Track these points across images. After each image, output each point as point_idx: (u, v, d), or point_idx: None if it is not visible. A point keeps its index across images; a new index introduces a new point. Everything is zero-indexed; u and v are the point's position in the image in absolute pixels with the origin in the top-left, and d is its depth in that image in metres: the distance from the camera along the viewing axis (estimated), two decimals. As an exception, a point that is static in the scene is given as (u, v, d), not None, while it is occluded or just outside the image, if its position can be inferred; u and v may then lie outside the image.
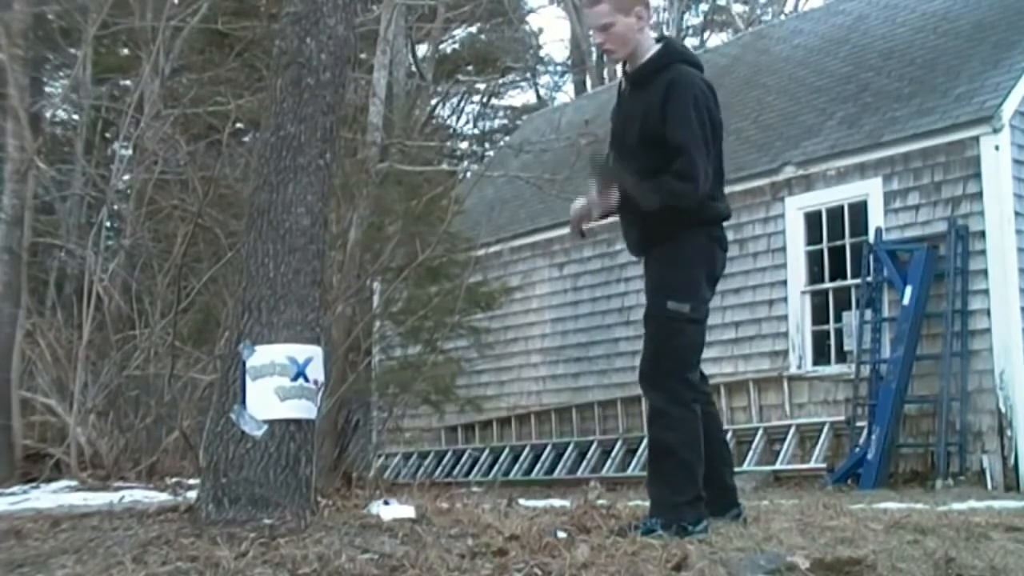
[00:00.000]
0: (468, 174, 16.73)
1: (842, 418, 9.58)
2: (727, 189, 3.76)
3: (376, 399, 10.96)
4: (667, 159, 3.42)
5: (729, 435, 10.19)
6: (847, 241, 9.90)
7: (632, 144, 3.58)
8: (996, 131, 8.84)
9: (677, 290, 3.47)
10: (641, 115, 3.53)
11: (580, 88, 26.88)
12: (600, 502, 4.02)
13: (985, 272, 8.85)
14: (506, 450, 12.36)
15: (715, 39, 27.49)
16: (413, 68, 21.91)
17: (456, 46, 25.87)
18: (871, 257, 9.55)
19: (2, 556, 3.06)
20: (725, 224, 3.67)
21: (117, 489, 5.62)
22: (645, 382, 3.54)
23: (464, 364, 11.85)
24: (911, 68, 10.70)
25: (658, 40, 3.66)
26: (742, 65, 14.12)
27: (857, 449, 9.08)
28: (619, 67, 3.81)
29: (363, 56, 13.36)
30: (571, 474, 11.23)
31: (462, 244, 11.16)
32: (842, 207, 9.95)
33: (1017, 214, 8.83)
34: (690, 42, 28.52)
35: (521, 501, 5.28)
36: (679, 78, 3.49)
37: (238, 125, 12.08)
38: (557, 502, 5.20)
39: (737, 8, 27.58)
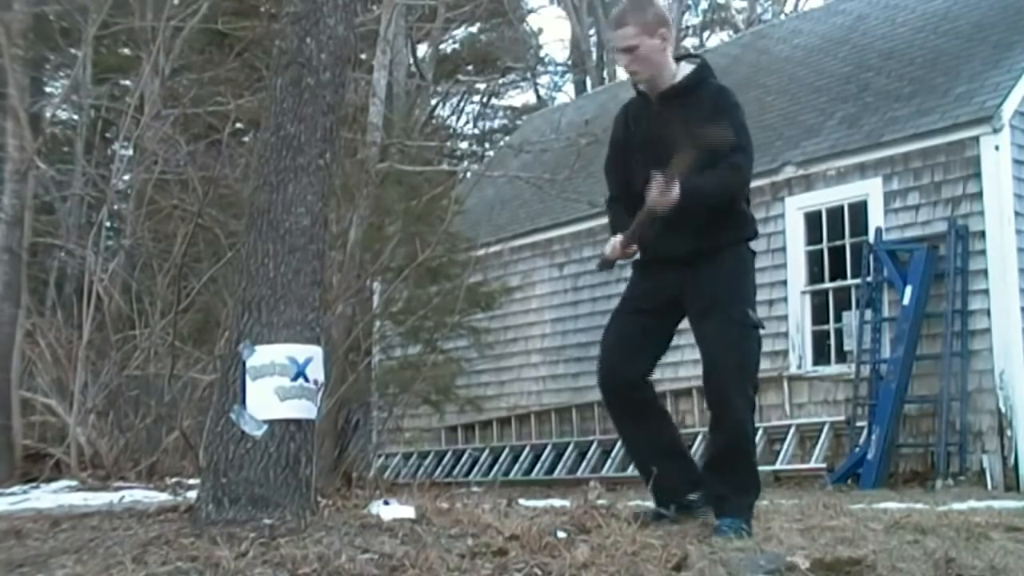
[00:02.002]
0: (468, 174, 16.73)
1: (842, 418, 9.58)
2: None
3: (376, 399, 10.96)
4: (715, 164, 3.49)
5: (729, 435, 10.20)
6: (847, 241, 9.90)
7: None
8: (996, 131, 8.83)
9: (751, 300, 3.62)
10: (688, 125, 3.51)
11: (580, 88, 26.87)
12: (600, 502, 4.01)
13: (985, 272, 8.85)
14: (506, 450, 12.35)
15: (715, 39, 27.48)
16: (413, 68, 21.91)
17: (456, 46, 25.87)
18: (871, 257, 9.55)
19: (2, 556, 3.06)
20: None
21: (117, 489, 5.61)
22: (729, 390, 3.51)
23: (464, 364, 11.84)
24: (911, 68, 10.70)
25: (679, 59, 3.71)
26: (742, 65, 14.11)
27: (857, 449, 9.08)
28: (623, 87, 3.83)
29: (363, 56, 13.36)
30: (571, 474, 11.23)
31: (462, 244, 11.16)
32: (842, 207, 9.95)
33: (1017, 214, 8.83)
34: (690, 42, 28.51)
35: (521, 501, 5.27)
36: (727, 91, 3.63)
37: (238, 125, 12.07)
38: (557, 502, 5.19)
39: (737, 7, 27.60)
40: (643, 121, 3.71)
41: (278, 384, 3.39)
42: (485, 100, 28.26)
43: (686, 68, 3.68)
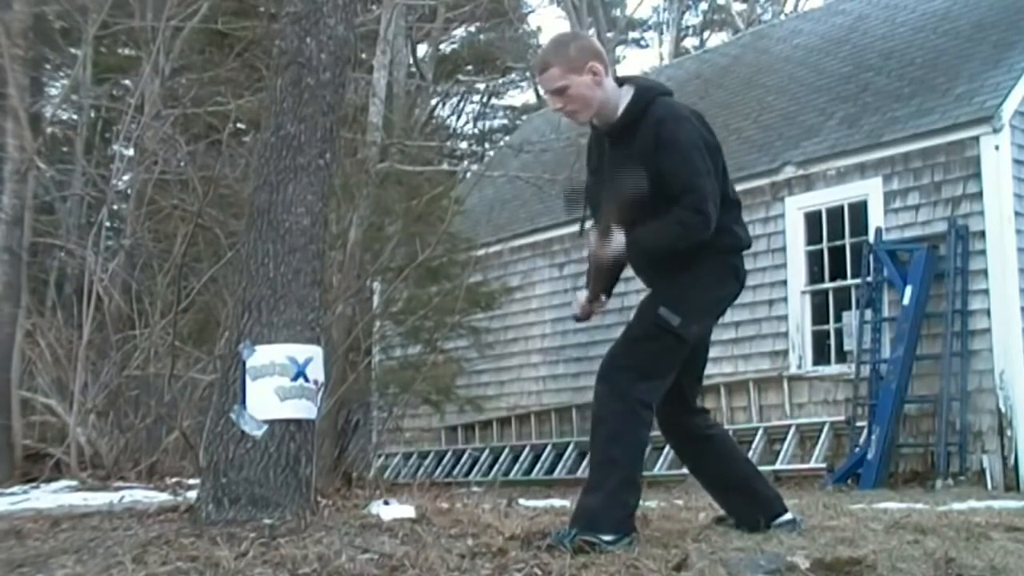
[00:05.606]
0: (468, 174, 16.73)
1: (842, 418, 9.58)
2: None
3: (376, 399, 10.97)
4: (669, 207, 3.20)
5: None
6: (847, 241, 9.90)
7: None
8: (996, 131, 8.83)
9: (674, 302, 3.28)
10: (635, 166, 3.29)
11: (580, 88, 26.80)
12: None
13: (985, 272, 8.85)
14: (506, 450, 12.35)
15: (715, 39, 27.51)
16: (413, 68, 21.91)
17: (456, 46, 25.86)
18: (871, 257, 9.55)
19: (2, 556, 3.06)
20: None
21: (117, 489, 5.62)
22: (601, 376, 3.38)
23: (464, 364, 11.84)
24: (911, 68, 10.70)
25: (621, 83, 3.42)
26: (742, 65, 14.12)
27: (857, 449, 9.08)
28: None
29: (363, 56, 13.37)
30: (571, 474, 11.22)
31: (462, 244, 11.17)
32: (842, 207, 9.95)
33: (1017, 214, 8.83)
34: (690, 42, 28.54)
35: (521, 501, 5.28)
36: (666, 116, 3.25)
37: (238, 125, 12.08)
38: (557, 502, 5.20)
39: (737, 8, 27.59)
40: (602, 157, 3.48)
41: (278, 384, 3.39)
42: (485, 100, 28.27)
43: (627, 96, 3.36)
